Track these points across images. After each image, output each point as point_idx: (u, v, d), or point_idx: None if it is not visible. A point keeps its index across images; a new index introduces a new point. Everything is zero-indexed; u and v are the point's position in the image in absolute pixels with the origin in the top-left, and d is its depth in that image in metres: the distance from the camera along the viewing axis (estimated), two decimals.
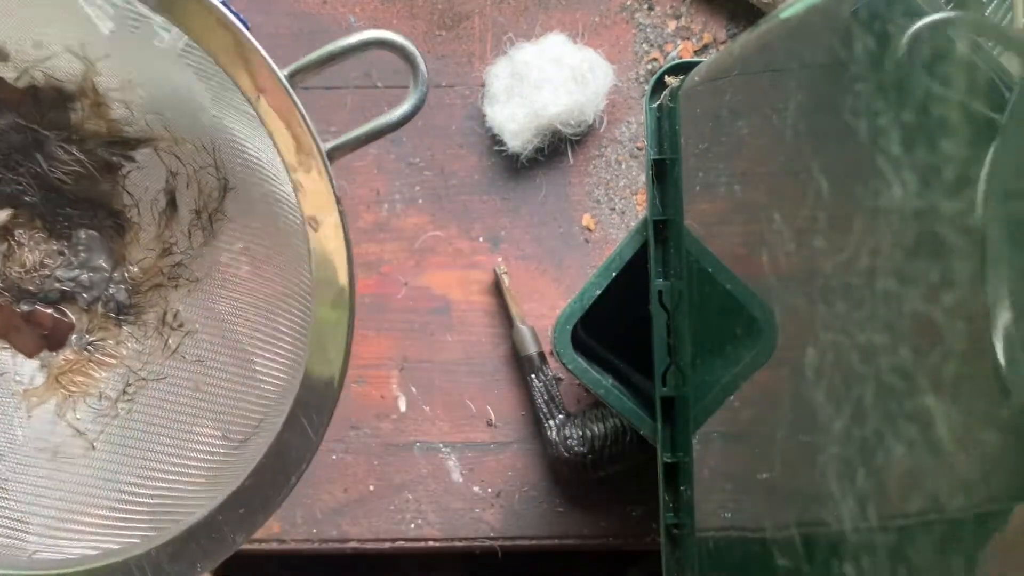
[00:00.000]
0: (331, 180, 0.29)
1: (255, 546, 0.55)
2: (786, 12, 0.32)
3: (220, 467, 0.31)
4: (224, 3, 0.53)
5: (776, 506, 0.32)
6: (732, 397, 0.35)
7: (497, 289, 0.56)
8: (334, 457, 0.55)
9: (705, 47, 0.57)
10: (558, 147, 0.56)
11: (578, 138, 0.56)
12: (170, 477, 0.32)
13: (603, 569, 0.67)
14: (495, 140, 0.56)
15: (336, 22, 0.57)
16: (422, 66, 0.32)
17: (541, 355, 0.54)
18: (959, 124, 0.23)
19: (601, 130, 0.56)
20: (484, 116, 0.55)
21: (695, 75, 0.39)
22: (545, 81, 0.53)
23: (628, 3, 0.57)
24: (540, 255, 0.56)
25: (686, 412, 0.39)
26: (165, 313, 0.36)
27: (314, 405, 0.29)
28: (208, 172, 0.34)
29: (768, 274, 0.32)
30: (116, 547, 0.30)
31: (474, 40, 0.57)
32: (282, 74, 0.29)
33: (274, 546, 0.55)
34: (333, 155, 0.31)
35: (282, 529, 0.55)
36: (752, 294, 0.34)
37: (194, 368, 0.35)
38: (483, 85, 0.56)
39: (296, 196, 0.29)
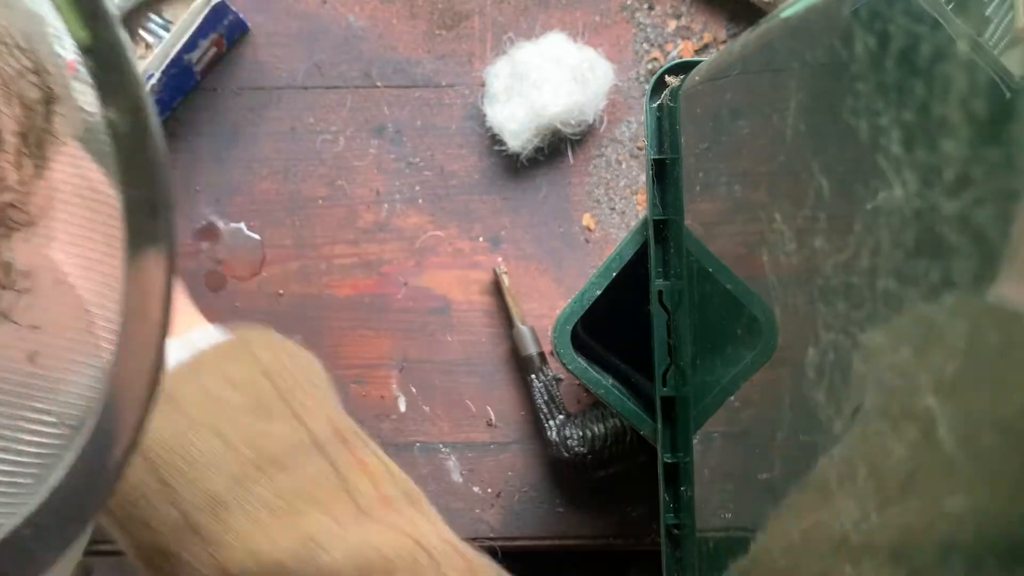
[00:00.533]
0: (130, 63, 0.22)
1: None
2: (786, 12, 0.32)
3: (46, 461, 0.26)
4: (225, 3, 0.53)
5: (776, 506, 0.32)
6: (732, 397, 0.35)
7: (497, 289, 0.56)
8: None
9: (705, 47, 0.57)
10: (558, 147, 0.56)
11: (578, 138, 0.56)
12: None
13: (603, 569, 0.67)
14: (495, 140, 0.56)
15: (336, 22, 0.57)
16: None
17: (541, 355, 0.54)
18: None
19: (601, 130, 0.56)
20: (484, 116, 0.55)
21: (695, 75, 0.39)
22: (545, 81, 0.53)
23: (628, 3, 0.57)
24: (540, 255, 0.56)
25: (686, 412, 0.39)
26: None
27: (134, 379, 0.23)
28: (29, 80, 0.27)
29: (768, 274, 0.32)
30: None
31: (474, 40, 0.57)
32: None
33: None
34: (132, 20, 0.22)
35: None
36: (752, 294, 0.34)
37: (29, 335, 0.28)
38: (483, 85, 0.56)
39: (94, 90, 0.23)
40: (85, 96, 0.23)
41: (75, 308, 0.28)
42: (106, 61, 0.21)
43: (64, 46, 0.25)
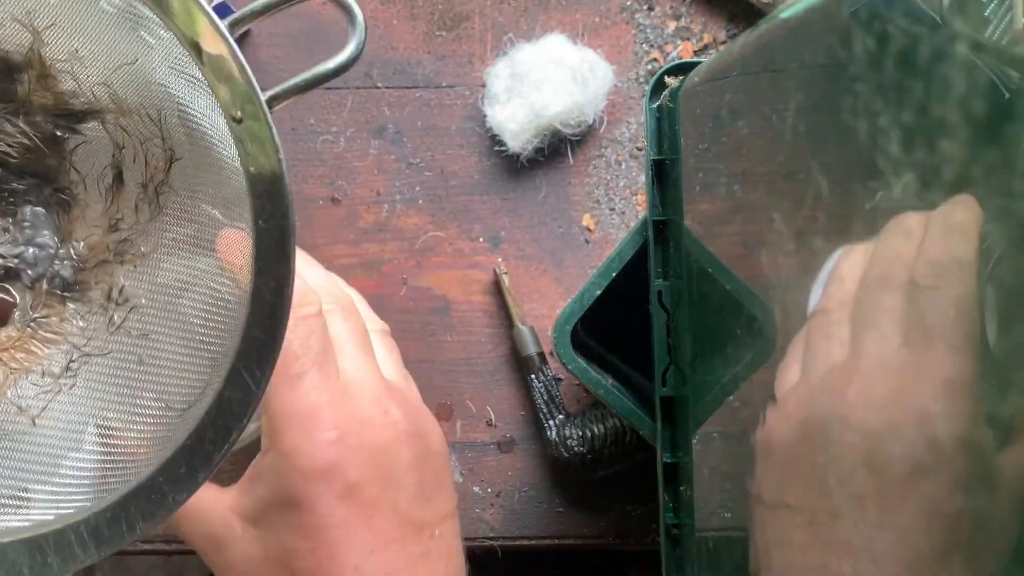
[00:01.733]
0: (271, 128, 0.29)
1: None
2: (786, 12, 0.32)
3: (163, 434, 0.31)
4: (226, 3, 0.53)
5: None
6: (732, 397, 0.35)
7: (497, 289, 0.56)
8: None
9: (705, 47, 0.57)
10: (558, 147, 0.56)
11: (578, 138, 0.56)
12: (112, 450, 0.32)
13: (603, 569, 0.67)
14: (495, 140, 0.56)
15: (336, 22, 0.57)
16: (358, 14, 0.33)
17: (541, 355, 0.54)
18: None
19: (601, 130, 0.56)
20: (484, 116, 0.55)
21: (695, 75, 0.39)
22: (545, 81, 0.53)
23: (628, 3, 0.57)
24: (540, 255, 0.56)
25: (686, 412, 0.39)
26: (111, 289, 0.35)
27: (256, 359, 0.29)
28: (154, 143, 0.34)
29: (768, 274, 0.33)
30: (51, 518, 0.30)
31: (474, 40, 0.57)
32: (223, 25, 0.29)
33: None
34: (272, 103, 0.31)
35: None
36: (752, 294, 0.34)
37: (139, 342, 0.34)
38: (483, 85, 0.56)
39: (238, 149, 0.29)
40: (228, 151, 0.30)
41: (179, 320, 0.34)
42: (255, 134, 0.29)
43: (197, 117, 0.32)
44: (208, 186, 0.33)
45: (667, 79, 0.41)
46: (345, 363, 0.36)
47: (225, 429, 0.29)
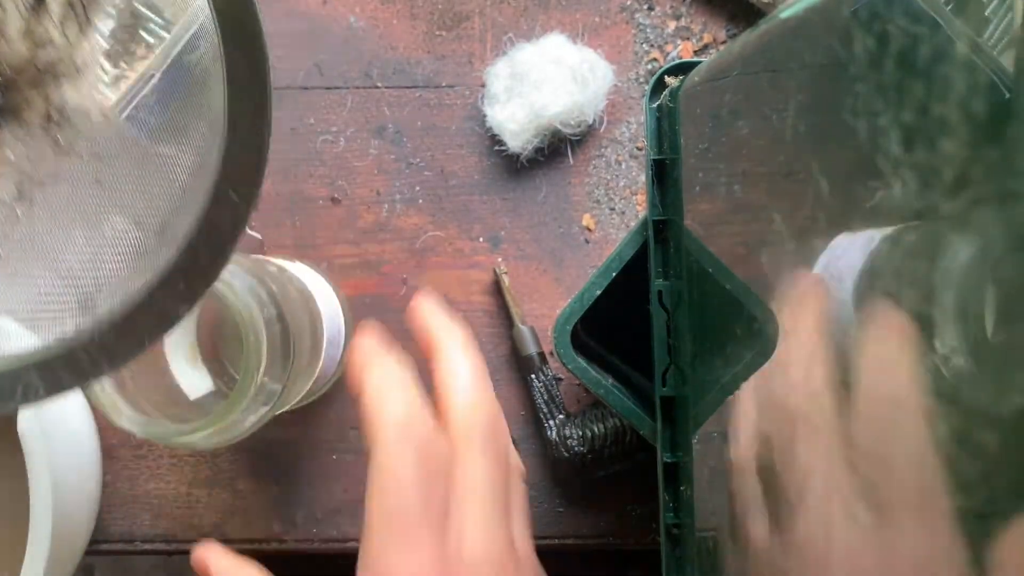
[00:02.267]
0: None
1: (255, 546, 0.55)
2: (786, 12, 0.32)
3: (143, 255, 0.31)
4: None
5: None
6: (732, 397, 0.35)
7: (497, 289, 0.56)
8: (334, 457, 0.55)
9: (705, 47, 0.57)
10: (558, 147, 0.56)
11: (578, 138, 0.56)
12: (91, 272, 0.32)
13: (603, 569, 0.67)
14: (495, 140, 0.56)
15: (336, 22, 0.57)
16: None
17: (541, 355, 0.54)
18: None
19: (601, 130, 0.56)
20: (484, 116, 0.55)
21: (695, 75, 0.39)
22: (545, 81, 0.53)
23: (628, 3, 0.57)
24: (540, 255, 0.56)
25: (686, 412, 0.39)
26: (48, 110, 0.34)
27: (239, 177, 0.30)
28: None
29: (768, 274, 0.33)
30: (51, 342, 0.30)
31: (474, 40, 0.57)
32: None
33: (274, 546, 0.55)
34: None
35: (282, 529, 0.55)
36: (752, 294, 0.34)
37: (92, 164, 0.33)
38: (483, 85, 0.56)
39: None
40: None
41: (133, 139, 0.33)
42: None
43: None
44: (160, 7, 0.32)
45: (667, 79, 0.41)
46: (469, 526, 0.31)
47: (219, 246, 0.29)
